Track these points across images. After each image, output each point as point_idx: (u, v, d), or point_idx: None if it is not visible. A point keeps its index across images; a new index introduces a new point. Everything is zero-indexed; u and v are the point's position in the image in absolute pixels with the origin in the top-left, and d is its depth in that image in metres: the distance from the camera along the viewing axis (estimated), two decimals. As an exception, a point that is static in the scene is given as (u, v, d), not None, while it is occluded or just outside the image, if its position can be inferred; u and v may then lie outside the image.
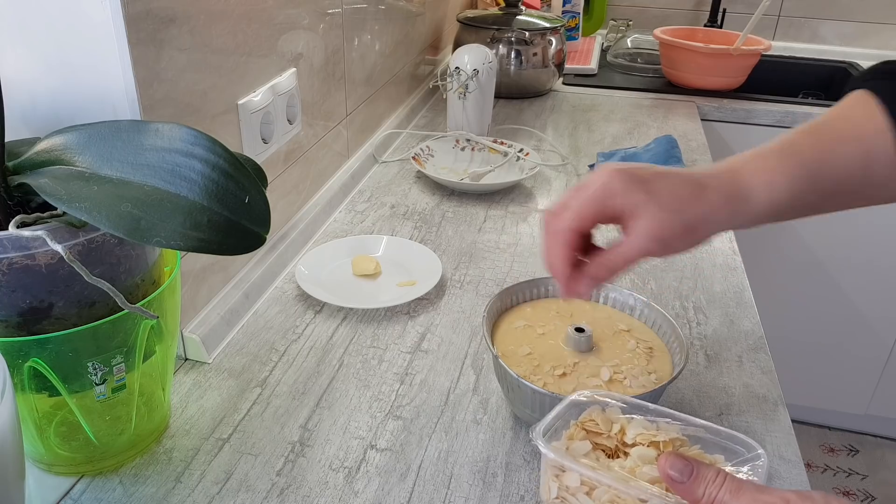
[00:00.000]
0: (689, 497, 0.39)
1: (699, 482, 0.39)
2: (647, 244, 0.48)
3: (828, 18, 1.95)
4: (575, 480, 0.43)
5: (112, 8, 0.55)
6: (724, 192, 0.50)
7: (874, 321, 1.72)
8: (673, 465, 0.40)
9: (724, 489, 0.38)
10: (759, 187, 0.51)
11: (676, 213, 0.48)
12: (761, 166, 0.51)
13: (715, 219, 0.50)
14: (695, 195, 0.49)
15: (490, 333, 0.65)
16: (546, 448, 0.44)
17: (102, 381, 0.51)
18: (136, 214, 0.43)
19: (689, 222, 0.49)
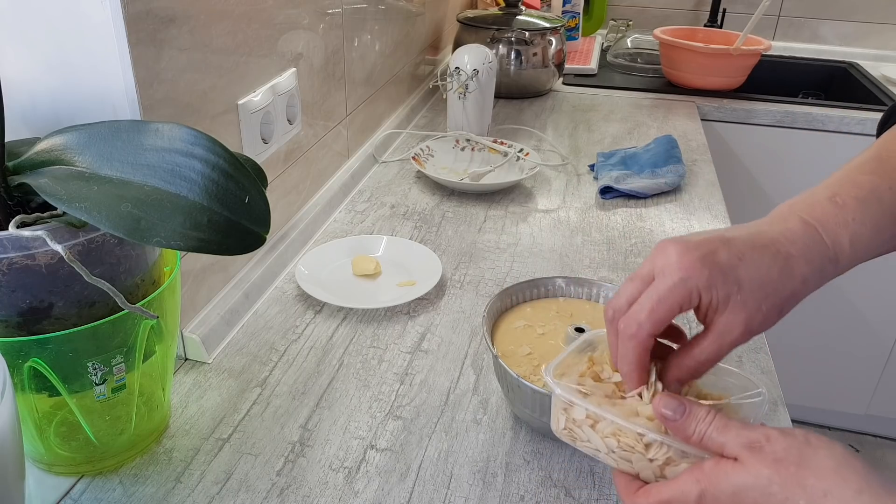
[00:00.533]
0: (680, 433, 0.42)
1: (690, 420, 0.41)
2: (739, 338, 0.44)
3: (828, 18, 1.95)
4: (581, 413, 0.46)
5: (112, 8, 0.55)
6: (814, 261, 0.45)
7: (874, 321, 1.72)
8: (667, 404, 0.42)
9: (713, 426, 0.41)
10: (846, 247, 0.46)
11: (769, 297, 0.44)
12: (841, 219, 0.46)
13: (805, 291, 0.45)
14: (784, 273, 0.44)
15: (490, 333, 0.65)
16: (555, 384, 0.46)
17: (102, 381, 0.51)
18: (136, 214, 0.43)
19: (781, 305, 0.45)
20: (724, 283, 0.43)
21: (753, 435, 0.39)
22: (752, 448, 0.39)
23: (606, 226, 1.01)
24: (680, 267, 0.43)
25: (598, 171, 1.15)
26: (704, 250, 0.43)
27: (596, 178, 1.15)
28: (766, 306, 0.44)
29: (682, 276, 0.43)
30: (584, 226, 1.01)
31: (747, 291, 0.43)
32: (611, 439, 0.44)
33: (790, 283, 0.44)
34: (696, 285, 0.43)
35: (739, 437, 0.40)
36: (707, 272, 0.43)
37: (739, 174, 1.62)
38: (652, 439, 0.43)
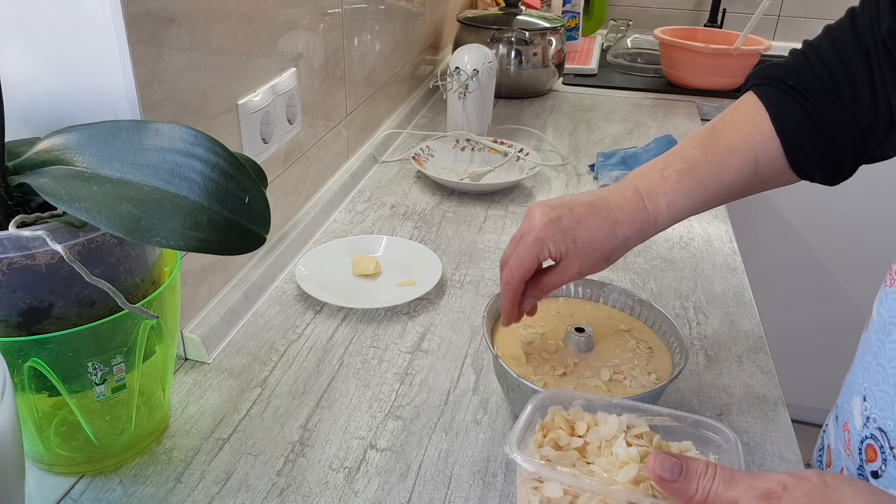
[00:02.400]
0: (681, 495, 0.38)
1: (691, 478, 0.38)
2: (573, 276, 0.61)
3: (828, 18, 1.94)
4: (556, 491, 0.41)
5: (112, 8, 0.55)
6: (635, 223, 0.60)
7: (874, 321, 1.72)
8: (662, 464, 0.39)
9: (717, 481, 0.37)
10: (662, 209, 0.60)
11: (596, 251, 0.59)
12: (662, 189, 0.60)
13: (626, 246, 0.60)
14: (609, 233, 0.59)
15: (490, 333, 0.65)
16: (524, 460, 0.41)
17: (102, 381, 0.51)
18: (136, 214, 0.43)
19: (605, 255, 0.60)
20: (564, 240, 0.59)
21: (767, 484, 0.36)
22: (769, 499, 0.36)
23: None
24: (534, 229, 0.59)
25: (598, 171, 1.15)
26: (554, 216, 0.59)
27: (596, 177, 1.15)
28: (594, 258, 0.60)
29: (536, 237, 0.59)
30: (584, 226, 1.00)
31: (580, 247, 0.59)
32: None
33: (613, 241, 0.60)
34: (545, 243, 0.59)
35: (752, 490, 0.36)
36: (551, 232, 0.58)
37: (739, 174, 1.62)
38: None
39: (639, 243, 0.61)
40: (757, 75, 0.64)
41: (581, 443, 0.44)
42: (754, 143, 0.60)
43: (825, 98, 0.59)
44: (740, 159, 0.60)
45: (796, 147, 0.60)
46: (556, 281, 0.61)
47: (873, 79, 0.58)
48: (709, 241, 0.97)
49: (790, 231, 1.65)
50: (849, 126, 0.59)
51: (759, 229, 1.65)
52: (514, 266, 0.60)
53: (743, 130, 0.61)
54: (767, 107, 0.61)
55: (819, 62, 0.61)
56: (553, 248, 0.59)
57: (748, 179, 0.61)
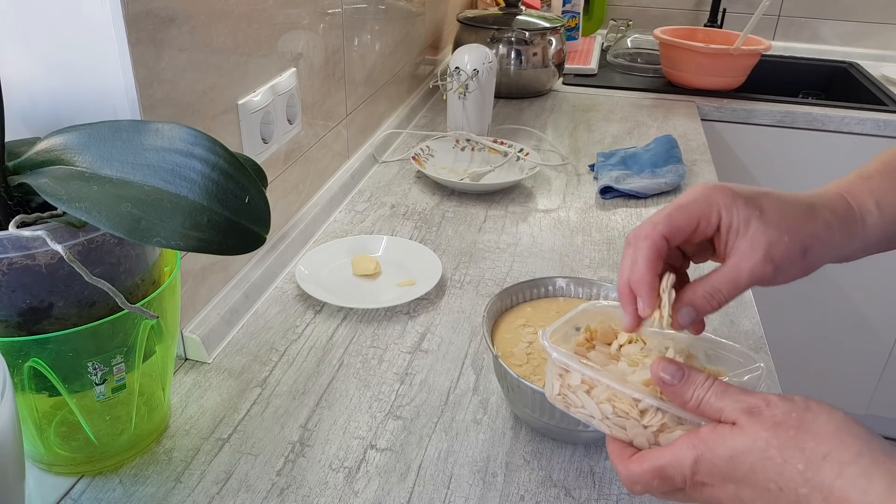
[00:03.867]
0: (678, 399, 0.41)
1: (688, 385, 0.41)
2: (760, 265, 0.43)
3: (828, 18, 1.95)
4: (576, 379, 0.45)
5: (112, 8, 0.55)
6: (838, 213, 0.46)
7: (874, 321, 1.72)
8: (665, 368, 0.41)
9: (711, 392, 0.40)
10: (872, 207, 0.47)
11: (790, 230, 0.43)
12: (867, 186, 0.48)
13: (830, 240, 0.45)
14: (808, 214, 0.44)
15: (490, 333, 0.65)
16: (551, 347, 0.46)
17: (102, 381, 0.51)
18: (136, 214, 0.43)
19: (804, 242, 0.43)
20: (745, 206, 0.43)
21: (753, 400, 0.39)
22: (751, 412, 0.38)
23: (606, 226, 1.01)
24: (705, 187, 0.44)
25: (598, 171, 1.15)
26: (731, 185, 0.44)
27: (596, 177, 1.15)
28: (789, 237, 0.43)
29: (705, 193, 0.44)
30: (584, 226, 1.01)
31: (769, 216, 0.43)
32: (606, 405, 0.44)
33: (813, 223, 0.44)
34: (718, 202, 0.43)
35: (738, 402, 0.39)
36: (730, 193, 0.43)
37: (739, 174, 1.62)
38: (648, 405, 0.43)
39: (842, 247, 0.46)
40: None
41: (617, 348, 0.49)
42: None
43: None
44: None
45: None
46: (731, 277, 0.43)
47: None
48: (709, 241, 0.97)
49: (790, 231, 1.65)
50: None
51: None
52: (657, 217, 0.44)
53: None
54: None
55: None
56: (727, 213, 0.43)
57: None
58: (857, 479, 0.34)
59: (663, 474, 0.40)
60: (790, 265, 0.44)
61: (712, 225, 0.44)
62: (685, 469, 0.39)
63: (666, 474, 0.40)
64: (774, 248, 0.43)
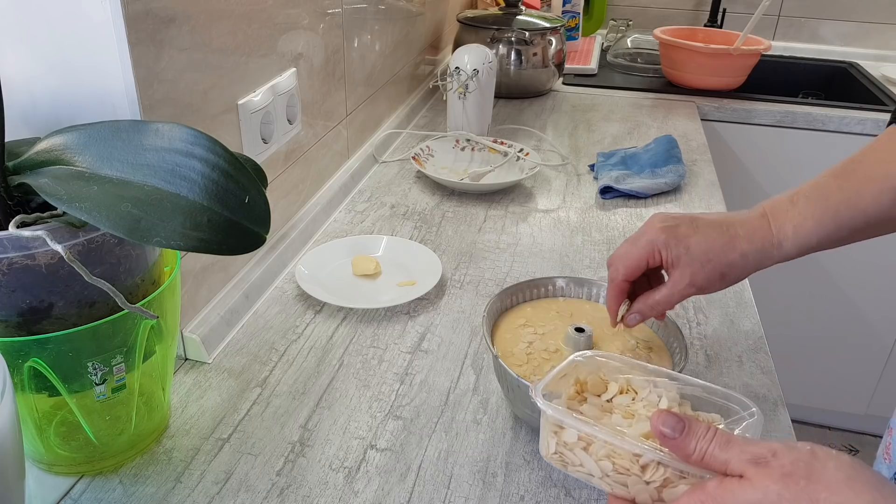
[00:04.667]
0: (680, 452, 0.40)
1: (691, 437, 0.40)
2: (685, 290, 0.59)
3: (828, 18, 1.95)
4: (572, 436, 0.45)
5: (112, 8, 0.55)
6: (756, 242, 0.58)
7: (874, 321, 1.72)
8: (665, 421, 0.41)
9: (714, 443, 0.40)
10: (788, 233, 0.58)
11: (709, 263, 0.58)
12: (790, 213, 0.58)
13: (745, 266, 0.58)
14: (727, 246, 0.58)
15: (490, 333, 0.65)
16: (544, 404, 0.45)
17: (102, 381, 0.51)
18: (136, 214, 0.43)
19: (720, 270, 0.58)
20: (676, 246, 0.58)
21: (758, 450, 0.38)
22: (757, 464, 0.37)
23: (606, 226, 1.01)
24: (649, 232, 0.59)
25: (598, 171, 1.15)
26: (671, 223, 0.59)
27: (596, 177, 1.15)
28: (708, 269, 0.58)
29: (649, 239, 0.59)
30: (584, 226, 1.01)
31: (693, 255, 0.58)
32: (605, 462, 0.43)
33: (730, 254, 0.58)
34: (657, 246, 0.58)
35: (744, 454, 0.38)
36: (665, 237, 0.58)
37: (739, 174, 1.62)
38: (649, 459, 0.42)
39: (758, 266, 0.59)
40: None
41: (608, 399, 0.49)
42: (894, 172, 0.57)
43: None
44: (878, 187, 0.57)
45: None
46: (665, 294, 0.60)
47: None
48: (709, 241, 0.97)
49: (790, 231, 1.65)
50: None
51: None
52: (619, 263, 0.60)
53: (882, 159, 0.58)
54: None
55: None
56: (665, 252, 0.58)
57: (887, 210, 0.57)
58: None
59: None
60: (711, 286, 0.59)
61: (657, 261, 0.60)
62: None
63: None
64: (697, 276, 0.58)
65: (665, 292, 0.60)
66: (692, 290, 0.59)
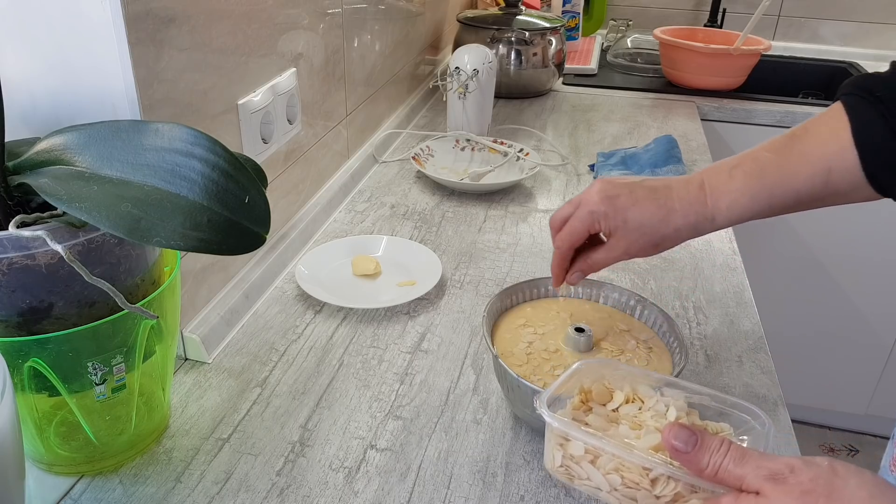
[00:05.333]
0: (693, 466, 0.39)
1: (704, 451, 0.39)
2: (620, 256, 0.63)
3: (828, 18, 1.95)
4: (579, 449, 0.43)
5: (112, 8, 0.55)
6: (690, 216, 0.60)
7: (874, 321, 1.72)
8: (677, 435, 0.40)
9: (729, 458, 0.39)
10: (722, 207, 0.60)
11: (645, 235, 0.61)
12: (727, 187, 0.60)
13: (676, 237, 0.61)
14: (662, 220, 0.60)
15: (490, 333, 0.65)
16: (550, 416, 0.44)
17: (102, 381, 0.51)
18: (136, 214, 0.43)
19: (654, 241, 0.61)
20: (615, 218, 0.61)
21: (775, 466, 0.37)
22: (775, 480, 0.37)
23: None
24: (590, 202, 0.61)
25: (598, 171, 1.15)
26: (612, 193, 0.61)
27: (596, 177, 1.15)
28: (642, 241, 0.61)
29: (590, 210, 0.61)
30: (584, 226, 1.00)
31: (629, 228, 0.61)
32: (613, 476, 0.42)
33: (664, 229, 0.61)
34: (597, 217, 0.61)
35: (760, 469, 0.37)
36: (605, 209, 0.61)
37: (739, 174, 1.62)
38: (659, 474, 0.41)
39: (691, 237, 0.62)
40: (847, 84, 0.61)
41: (614, 409, 0.47)
42: (830, 153, 0.58)
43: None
44: (812, 169, 0.58)
45: (875, 162, 0.57)
46: (603, 258, 0.63)
47: None
48: (709, 241, 0.97)
49: (790, 231, 1.65)
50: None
51: (760, 229, 1.65)
52: (564, 234, 0.63)
53: (821, 139, 0.59)
54: (850, 117, 0.58)
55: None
56: (604, 223, 0.61)
57: (819, 190, 0.59)
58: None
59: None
60: (644, 253, 0.63)
61: (596, 230, 0.62)
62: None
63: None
64: (633, 245, 0.62)
65: (602, 255, 0.63)
66: (626, 256, 0.63)
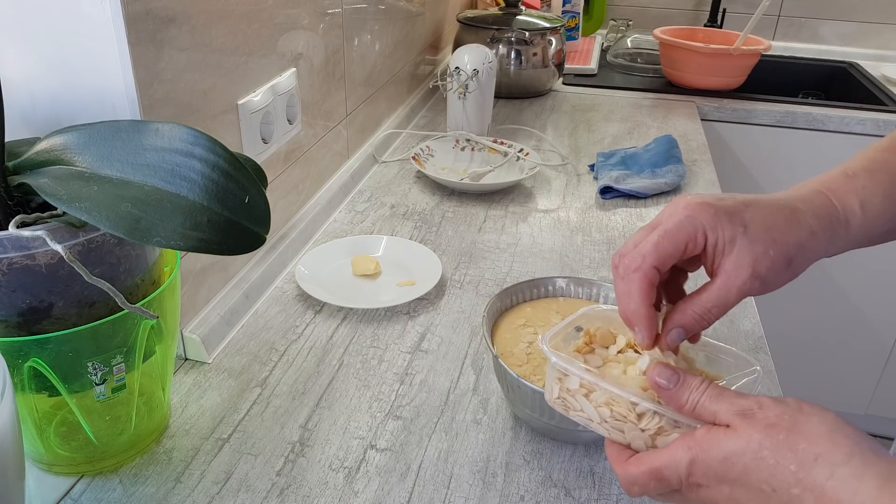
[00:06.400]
0: (674, 402, 0.42)
1: (684, 389, 0.42)
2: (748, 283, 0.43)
3: (828, 18, 1.95)
4: (575, 383, 0.46)
5: (112, 8, 0.55)
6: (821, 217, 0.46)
7: (874, 321, 1.72)
8: (661, 373, 0.42)
9: (706, 395, 0.41)
10: (856, 208, 0.47)
11: (776, 243, 0.43)
12: (852, 186, 0.48)
13: (815, 247, 0.45)
14: (791, 223, 0.44)
15: (490, 333, 0.65)
16: (551, 352, 0.47)
17: (102, 381, 0.51)
18: (136, 214, 0.43)
19: (788, 253, 0.44)
20: (729, 223, 0.43)
21: (746, 403, 0.39)
22: (744, 415, 0.39)
23: (606, 226, 1.01)
24: (686, 207, 0.44)
25: (598, 171, 1.15)
26: (712, 199, 0.44)
27: (596, 177, 1.15)
28: (774, 251, 0.43)
29: (688, 215, 0.43)
30: (584, 226, 1.01)
31: (753, 232, 0.43)
32: (604, 408, 0.45)
33: (797, 231, 0.44)
34: (702, 223, 0.43)
35: (732, 406, 0.40)
36: (713, 212, 0.43)
37: (739, 174, 1.62)
38: (645, 408, 0.43)
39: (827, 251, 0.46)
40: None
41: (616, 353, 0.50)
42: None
43: None
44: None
45: None
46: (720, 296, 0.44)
47: None
48: (709, 241, 0.97)
49: (790, 231, 1.65)
50: None
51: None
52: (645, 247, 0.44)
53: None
54: None
55: None
56: (712, 233, 0.43)
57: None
58: (849, 479, 0.35)
59: (660, 476, 0.41)
60: (776, 277, 0.44)
61: (699, 246, 0.44)
62: (681, 471, 0.40)
63: (662, 476, 0.41)
64: (760, 264, 0.43)
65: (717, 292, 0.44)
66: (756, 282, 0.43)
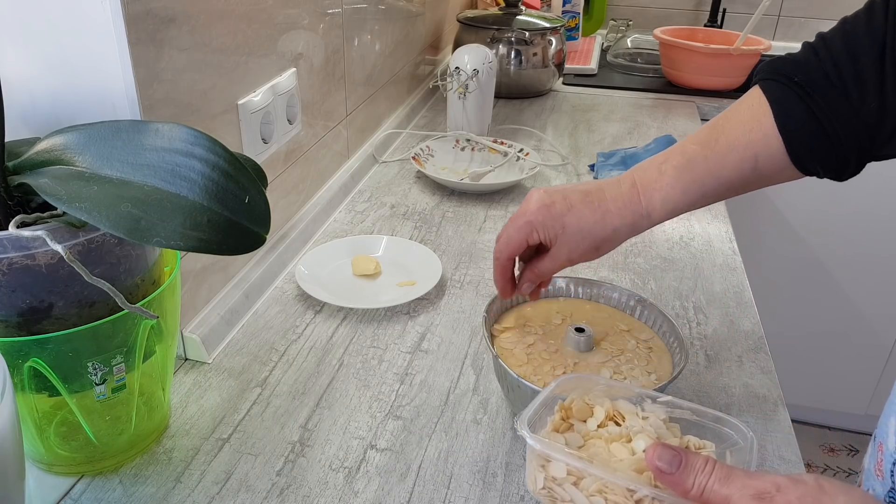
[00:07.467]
0: (678, 488, 0.39)
1: (688, 472, 0.38)
2: (564, 263, 0.63)
3: (828, 18, 1.95)
4: (561, 471, 0.43)
5: (112, 8, 0.55)
6: (626, 216, 0.61)
7: (874, 321, 1.72)
8: (661, 455, 0.39)
9: (714, 478, 0.38)
10: (656, 204, 0.61)
11: (585, 239, 0.61)
12: (658, 183, 0.61)
13: (616, 238, 0.62)
14: (599, 223, 0.61)
15: (490, 333, 0.65)
16: (531, 438, 0.43)
17: (102, 381, 0.51)
18: (136, 214, 0.43)
19: (595, 245, 0.62)
20: (553, 226, 0.61)
21: (761, 485, 0.36)
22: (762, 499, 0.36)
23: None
24: (527, 213, 0.62)
25: (598, 171, 1.15)
26: (548, 201, 0.61)
27: (596, 177, 1.15)
28: (584, 246, 0.62)
29: (527, 220, 0.62)
30: (584, 226, 1.00)
31: (568, 234, 0.61)
32: (597, 497, 0.41)
33: (603, 231, 0.61)
34: (535, 226, 0.61)
35: (746, 489, 0.37)
36: (542, 217, 0.61)
37: (739, 174, 1.62)
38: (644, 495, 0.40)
39: (630, 236, 0.62)
40: (764, 69, 0.62)
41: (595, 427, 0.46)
42: (755, 140, 0.59)
43: (830, 96, 0.56)
44: (739, 156, 0.59)
45: (798, 145, 0.58)
46: (548, 266, 0.63)
47: (883, 77, 0.54)
48: (709, 241, 0.97)
49: (790, 231, 1.65)
50: (853, 126, 0.56)
51: (760, 229, 1.65)
52: (502, 244, 0.63)
53: (745, 127, 0.60)
54: (771, 104, 0.59)
55: (828, 58, 0.58)
56: (542, 233, 0.61)
57: (748, 176, 0.60)
58: None
59: None
60: (587, 257, 0.63)
61: (535, 241, 0.62)
62: None
63: None
64: (573, 252, 0.62)
65: (547, 263, 0.63)
66: (570, 262, 0.63)
